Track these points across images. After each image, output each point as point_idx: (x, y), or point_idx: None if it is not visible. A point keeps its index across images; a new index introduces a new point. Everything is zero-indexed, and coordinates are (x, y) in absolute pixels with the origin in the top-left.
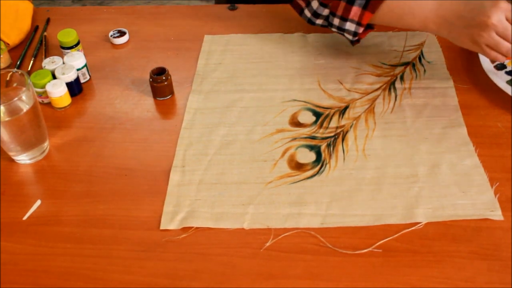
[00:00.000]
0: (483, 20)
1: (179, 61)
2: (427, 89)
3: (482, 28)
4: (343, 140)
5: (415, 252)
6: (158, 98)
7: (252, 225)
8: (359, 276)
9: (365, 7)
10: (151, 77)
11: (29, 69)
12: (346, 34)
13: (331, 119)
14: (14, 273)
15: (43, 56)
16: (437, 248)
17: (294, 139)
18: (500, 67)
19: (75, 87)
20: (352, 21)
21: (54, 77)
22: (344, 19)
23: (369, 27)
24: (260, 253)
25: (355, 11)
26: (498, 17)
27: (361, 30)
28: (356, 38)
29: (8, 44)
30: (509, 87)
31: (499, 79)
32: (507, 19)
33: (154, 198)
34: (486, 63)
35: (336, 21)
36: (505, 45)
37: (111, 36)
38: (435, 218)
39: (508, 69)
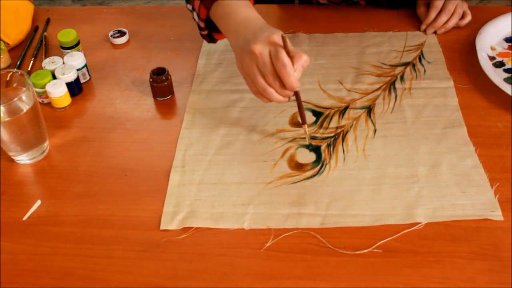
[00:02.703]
0: (251, 47)
1: (179, 61)
2: (427, 89)
3: (248, 53)
4: (343, 140)
5: (415, 252)
6: (158, 98)
7: (252, 225)
8: (359, 276)
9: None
10: (151, 77)
11: (29, 69)
12: (199, 29)
13: (331, 119)
14: (14, 273)
15: (43, 56)
16: (437, 248)
17: (294, 139)
18: (498, 64)
19: (75, 87)
20: (197, 13)
21: (54, 77)
22: (193, 9)
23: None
24: (260, 253)
25: (197, 3)
26: (261, 49)
27: (202, 24)
28: (206, 33)
29: (8, 44)
30: (506, 84)
31: (497, 76)
32: (271, 56)
33: (154, 198)
34: (484, 60)
35: (194, 14)
36: (260, 81)
37: (111, 36)
38: (435, 218)
39: (506, 67)
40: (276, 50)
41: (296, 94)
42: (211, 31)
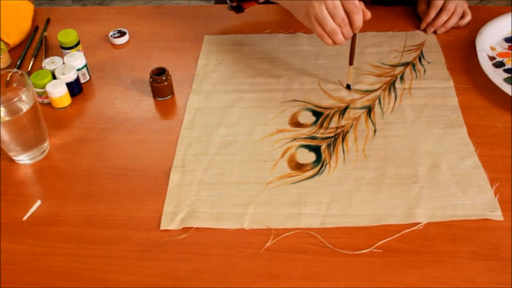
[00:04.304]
0: None
1: (179, 61)
2: (427, 89)
3: None
4: (343, 140)
5: (415, 252)
6: (158, 98)
7: (252, 225)
8: (359, 276)
9: None
10: (151, 77)
11: (29, 69)
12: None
13: (331, 119)
14: (14, 273)
15: (43, 56)
16: (437, 248)
17: (294, 139)
18: (499, 64)
19: (75, 87)
20: None
21: (54, 77)
22: None
23: None
24: (260, 253)
25: None
26: None
27: None
28: (235, 4)
29: (8, 44)
30: (506, 84)
31: (497, 76)
32: None
33: (154, 198)
34: (484, 60)
35: None
36: (330, 23)
37: (111, 36)
38: (435, 218)
39: (506, 67)
40: None
41: (354, 35)
42: (240, 1)
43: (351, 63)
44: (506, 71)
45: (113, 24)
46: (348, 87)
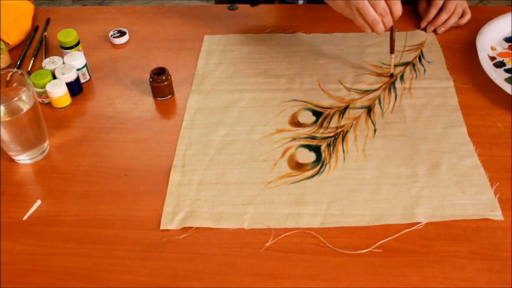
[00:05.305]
0: None
1: (179, 61)
2: (427, 89)
3: None
4: (343, 140)
5: (415, 252)
6: (158, 98)
7: (252, 225)
8: (359, 276)
9: None
10: (151, 77)
11: (29, 69)
12: None
13: (331, 119)
14: (14, 273)
15: (43, 56)
16: (437, 248)
17: (294, 139)
18: (499, 64)
19: (75, 87)
20: None
21: (54, 77)
22: None
23: None
24: (260, 253)
25: None
26: None
27: None
28: None
29: (8, 44)
30: (507, 84)
31: (498, 76)
32: None
33: (154, 198)
34: (484, 60)
35: None
36: (371, 13)
37: (111, 36)
38: (435, 218)
39: (507, 67)
40: None
41: (393, 24)
42: None
43: (392, 51)
44: (506, 71)
45: (113, 24)
46: (391, 75)
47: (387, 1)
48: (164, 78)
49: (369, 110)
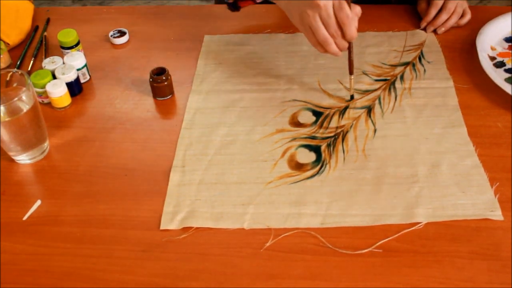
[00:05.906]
0: (315, 0)
1: (179, 61)
2: (427, 89)
3: (310, 6)
4: (343, 140)
5: (415, 252)
6: (158, 98)
7: (252, 225)
8: (359, 276)
9: None
10: (151, 77)
11: (29, 69)
12: None
13: (331, 119)
14: (14, 273)
15: (43, 56)
16: (437, 248)
17: (294, 139)
18: (499, 64)
19: (75, 87)
20: None
21: (54, 77)
22: None
23: None
24: (260, 253)
25: None
26: (325, 1)
27: None
28: (231, 1)
29: (8, 44)
30: (507, 84)
31: (498, 76)
32: (334, 8)
33: (154, 198)
34: (485, 61)
35: None
36: (322, 32)
37: (111, 36)
38: (435, 218)
39: (507, 67)
40: (340, 2)
41: (350, 45)
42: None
43: (351, 72)
44: (506, 71)
45: (113, 24)
46: (351, 97)
47: (340, 22)
48: (164, 78)
49: (369, 110)
